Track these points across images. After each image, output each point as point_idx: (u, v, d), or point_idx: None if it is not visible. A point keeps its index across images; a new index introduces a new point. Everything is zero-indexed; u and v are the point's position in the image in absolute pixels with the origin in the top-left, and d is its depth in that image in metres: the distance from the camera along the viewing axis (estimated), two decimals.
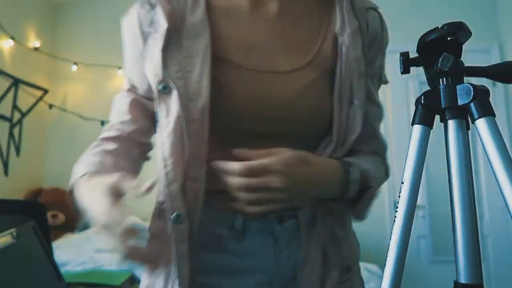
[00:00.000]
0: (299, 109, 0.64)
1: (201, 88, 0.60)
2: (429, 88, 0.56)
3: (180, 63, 0.61)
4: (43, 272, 0.82)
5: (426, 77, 0.58)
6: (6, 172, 2.96)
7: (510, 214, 0.46)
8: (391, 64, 0.96)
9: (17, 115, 3.11)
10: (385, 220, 3.00)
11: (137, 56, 0.68)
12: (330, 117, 0.66)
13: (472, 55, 1.61)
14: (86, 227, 3.05)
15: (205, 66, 0.61)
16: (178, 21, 0.62)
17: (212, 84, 0.60)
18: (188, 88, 0.60)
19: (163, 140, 0.62)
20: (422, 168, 0.53)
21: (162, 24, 0.62)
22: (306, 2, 0.70)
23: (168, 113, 0.61)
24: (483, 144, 0.49)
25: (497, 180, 0.48)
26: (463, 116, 0.52)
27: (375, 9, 0.72)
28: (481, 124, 0.49)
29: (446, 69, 0.52)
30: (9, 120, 3.02)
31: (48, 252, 0.85)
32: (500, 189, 0.47)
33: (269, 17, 0.67)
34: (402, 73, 0.58)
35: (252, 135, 0.64)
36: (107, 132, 0.73)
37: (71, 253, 2.33)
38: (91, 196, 0.55)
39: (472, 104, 0.50)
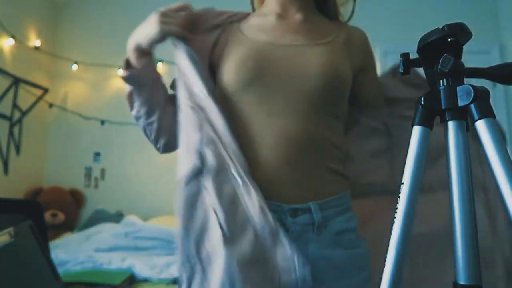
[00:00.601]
0: (314, 64, 0.78)
1: None
2: (429, 89, 0.56)
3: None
4: (40, 272, 0.81)
5: (426, 78, 0.58)
6: (6, 171, 2.96)
7: (509, 215, 0.46)
8: (392, 65, 0.97)
9: (17, 114, 3.11)
10: None
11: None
12: (342, 84, 0.81)
13: (473, 56, 1.61)
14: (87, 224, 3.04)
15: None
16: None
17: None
18: None
19: None
20: (422, 169, 0.53)
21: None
22: (319, 20, 0.90)
23: None
24: (483, 146, 0.49)
25: (496, 181, 0.47)
26: (463, 117, 0.52)
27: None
28: (481, 126, 0.49)
29: (446, 70, 0.52)
30: (9, 119, 3.02)
31: (45, 251, 0.84)
32: (500, 190, 0.47)
33: (295, 23, 0.86)
34: (402, 74, 0.58)
35: (279, 88, 0.77)
36: None
37: (70, 252, 2.33)
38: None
39: (472, 105, 0.50)
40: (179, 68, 0.79)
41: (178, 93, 0.79)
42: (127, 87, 0.85)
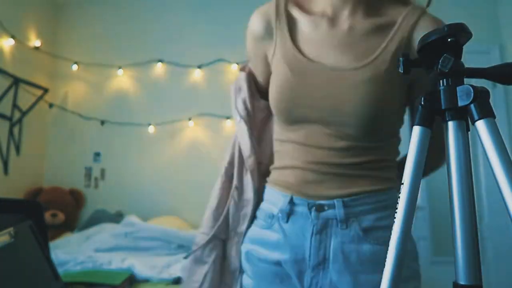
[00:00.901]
0: (352, 100, 0.75)
1: None
2: (429, 89, 0.56)
3: None
4: (40, 272, 0.81)
5: None
6: (6, 171, 2.96)
7: (510, 216, 0.46)
8: None
9: (17, 114, 3.11)
10: None
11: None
12: (385, 117, 0.78)
13: (473, 56, 1.61)
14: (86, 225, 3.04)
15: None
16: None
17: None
18: None
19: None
20: (422, 169, 0.53)
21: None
22: (369, 25, 0.83)
23: None
24: (483, 146, 0.49)
25: (497, 182, 0.47)
26: (463, 117, 0.52)
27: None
28: (481, 126, 0.49)
29: (446, 70, 0.52)
30: (9, 119, 3.02)
31: (45, 251, 0.84)
32: (500, 191, 0.47)
33: (341, 34, 0.82)
34: (402, 74, 0.58)
35: (307, 119, 0.79)
36: None
37: (70, 252, 2.33)
38: None
39: (472, 106, 0.50)
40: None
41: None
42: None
